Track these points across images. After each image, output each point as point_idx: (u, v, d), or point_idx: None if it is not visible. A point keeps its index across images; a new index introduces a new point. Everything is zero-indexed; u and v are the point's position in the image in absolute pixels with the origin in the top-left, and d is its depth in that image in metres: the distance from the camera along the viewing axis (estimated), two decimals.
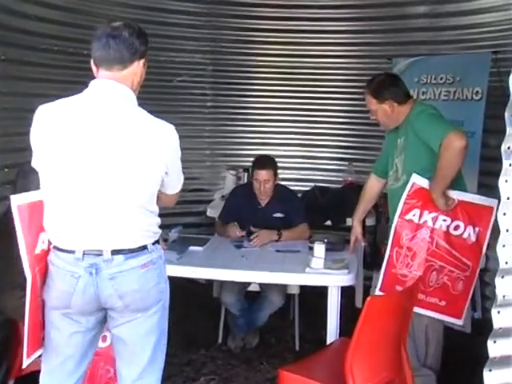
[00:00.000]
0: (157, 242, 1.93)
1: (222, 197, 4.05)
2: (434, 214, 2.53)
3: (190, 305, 4.04)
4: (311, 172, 4.90)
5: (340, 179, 4.56)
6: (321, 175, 4.86)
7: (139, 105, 4.93)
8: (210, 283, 3.99)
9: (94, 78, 1.87)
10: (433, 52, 4.20)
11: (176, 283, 4.22)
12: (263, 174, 3.41)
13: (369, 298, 2.07)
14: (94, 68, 1.86)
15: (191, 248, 3.07)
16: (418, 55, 4.10)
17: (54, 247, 1.86)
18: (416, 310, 2.44)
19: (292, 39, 4.78)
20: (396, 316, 2.24)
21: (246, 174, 4.29)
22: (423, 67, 4.02)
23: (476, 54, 3.83)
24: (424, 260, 2.52)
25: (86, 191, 1.79)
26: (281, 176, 4.45)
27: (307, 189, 4.36)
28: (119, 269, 1.82)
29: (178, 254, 2.89)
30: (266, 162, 3.47)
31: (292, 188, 3.75)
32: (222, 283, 3.36)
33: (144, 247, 1.86)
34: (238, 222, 3.38)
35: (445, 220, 2.52)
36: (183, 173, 1.99)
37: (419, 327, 2.61)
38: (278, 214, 3.46)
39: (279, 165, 4.76)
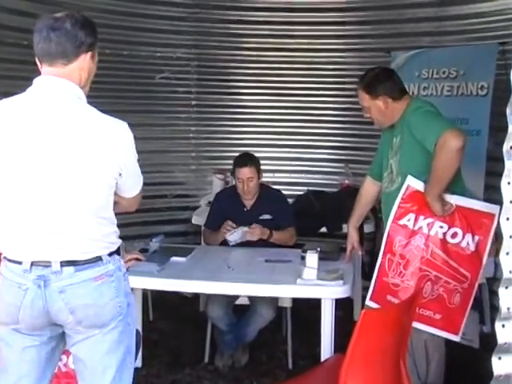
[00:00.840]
0: (116, 252, 1.91)
1: (209, 203, 4.05)
2: (429, 220, 2.52)
3: (173, 320, 4.03)
4: (304, 175, 4.90)
5: (336, 182, 4.56)
6: (315, 178, 4.85)
7: (115, 104, 4.92)
8: (196, 296, 3.98)
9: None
10: (435, 44, 4.20)
11: (158, 297, 4.26)
12: (245, 172, 3.45)
13: (363, 312, 2.05)
14: (38, 63, 1.85)
15: (173, 259, 3.07)
16: (419, 48, 4.10)
17: (4, 258, 1.86)
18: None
19: (283, 32, 4.79)
20: (393, 331, 2.23)
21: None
22: (424, 60, 4.02)
23: (482, 45, 3.81)
24: (418, 269, 2.51)
25: (33, 198, 1.78)
26: (272, 180, 4.46)
27: (300, 193, 4.36)
28: (69, 281, 1.80)
29: (158, 266, 2.89)
30: (247, 159, 3.52)
31: (284, 192, 3.76)
32: (208, 296, 3.35)
33: (98, 258, 1.85)
34: (221, 226, 3.42)
35: (441, 227, 2.51)
36: (171, 177, 2.01)
37: (418, 343, 2.60)
38: (266, 216, 3.50)
39: (270, 168, 4.76)
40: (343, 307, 3.30)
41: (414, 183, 2.56)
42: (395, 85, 2.72)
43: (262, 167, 3.61)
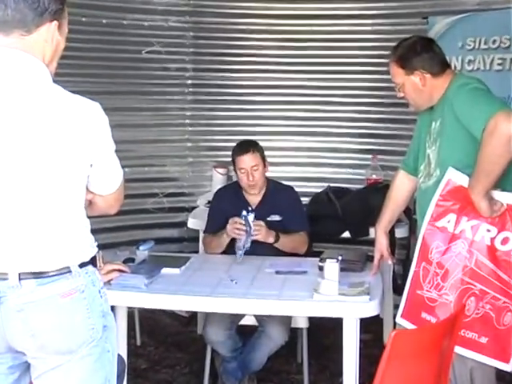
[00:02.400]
0: (90, 262, 1.91)
1: (208, 203, 4.05)
2: (474, 222, 2.49)
3: (165, 344, 4.04)
4: (323, 169, 4.90)
5: (361, 177, 4.55)
6: (336, 173, 4.85)
7: (92, 84, 4.93)
8: (193, 316, 3.99)
9: None
10: (483, 7, 4.19)
11: (147, 316, 4.25)
12: (248, 159, 3.48)
13: (393, 333, 2.04)
14: None
15: (165, 270, 3.07)
16: (463, 12, 4.09)
17: None
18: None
19: None
20: (431, 356, 2.22)
21: None
22: (470, 28, 4.01)
23: None
24: (459, 281, 2.49)
25: None
26: (285, 175, 4.46)
27: (318, 190, 4.35)
28: (30, 298, 1.79)
29: (146, 279, 2.89)
30: (249, 145, 3.55)
31: (299, 190, 3.77)
32: (206, 316, 3.35)
33: (66, 270, 1.84)
34: (221, 230, 3.41)
35: (489, 230, 2.49)
36: (162, 170, 2.00)
37: (462, 372, 2.58)
38: (274, 217, 3.51)
39: (282, 160, 4.75)
40: (370, 328, 3.30)
41: (456, 177, 2.54)
42: (435, 57, 2.70)
43: (273, 159, 3.64)
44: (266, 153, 3.63)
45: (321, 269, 2.90)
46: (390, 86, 2.86)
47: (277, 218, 3.51)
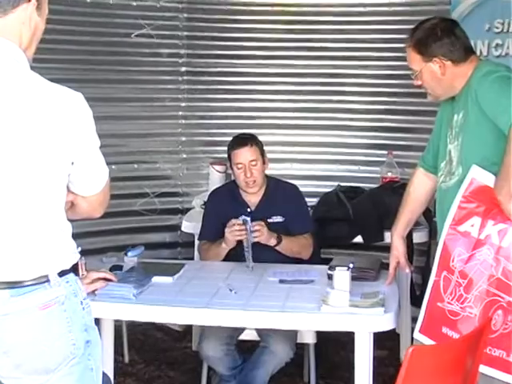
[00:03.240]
0: (71, 270, 1.92)
1: (205, 204, 4.06)
2: (501, 226, 2.48)
3: (156, 361, 4.04)
4: (332, 166, 4.88)
5: (375, 175, 4.54)
6: (347, 170, 4.84)
7: (74, 72, 4.91)
8: (187, 330, 3.99)
9: None
10: None
11: (136, 331, 4.24)
12: (246, 153, 3.51)
13: (410, 349, 2.04)
14: None
15: (156, 279, 3.08)
16: None
17: None
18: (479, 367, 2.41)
19: None
20: (453, 376, 2.21)
21: None
22: (498, 8, 3.98)
23: None
24: (484, 292, 2.48)
25: None
26: (288, 172, 4.45)
27: (327, 190, 4.35)
28: (3, 310, 1.80)
29: (135, 288, 2.90)
30: (247, 138, 3.58)
31: (306, 189, 3.78)
32: (202, 330, 3.36)
33: (44, 279, 1.85)
34: (222, 236, 3.41)
35: None
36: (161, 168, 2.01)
37: None
38: (276, 218, 3.52)
39: (286, 156, 4.74)
40: (385, 344, 3.30)
41: (481, 176, 2.54)
42: (457, 42, 2.70)
43: (276, 155, 3.64)
44: (270, 148, 3.64)
45: (330, 277, 2.93)
46: (408, 74, 2.86)
47: (278, 218, 3.52)
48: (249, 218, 3.29)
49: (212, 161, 4.64)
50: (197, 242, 3.75)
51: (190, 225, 4.07)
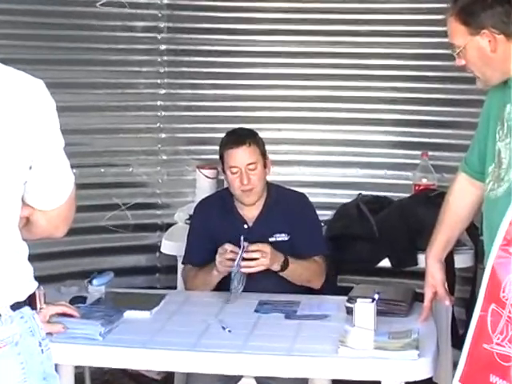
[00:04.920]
0: (27, 303, 1.92)
1: (190, 218, 4.06)
2: None
3: None
4: (351, 170, 4.89)
5: (406, 182, 4.57)
6: (370, 176, 4.86)
7: (26, 48, 4.91)
8: (168, 378, 3.97)
9: None
10: None
11: (103, 379, 4.22)
12: (243, 155, 3.50)
13: None
14: None
15: (129, 314, 3.10)
16: None
17: None
18: None
19: None
20: None
21: None
22: None
23: None
24: None
25: None
26: (295, 178, 4.45)
27: (345, 201, 4.38)
28: None
29: (103, 326, 2.90)
30: (244, 135, 3.58)
31: (317, 200, 3.78)
32: (187, 378, 3.35)
33: None
34: (213, 259, 3.41)
35: None
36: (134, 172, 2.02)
37: None
38: (280, 236, 3.54)
39: (291, 158, 4.74)
40: None
41: None
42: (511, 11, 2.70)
43: (281, 156, 3.63)
44: (273, 147, 3.64)
45: (349, 312, 2.94)
46: (447, 54, 2.86)
47: (283, 237, 3.54)
48: (242, 239, 3.29)
49: (199, 164, 4.66)
50: (181, 267, 3.76)
51: (172, 245, 4.09)
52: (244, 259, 3.28)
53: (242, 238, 3.31)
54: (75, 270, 4.42)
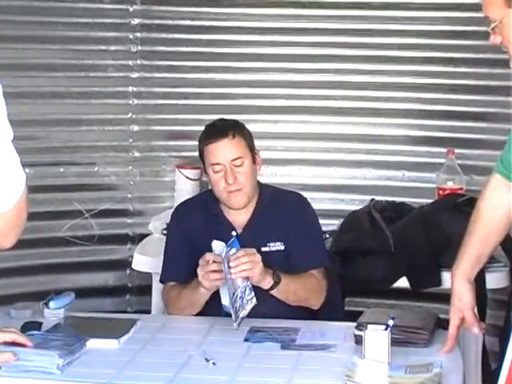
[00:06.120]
0: None
1: (167, 226, 4.07)
2: None
3: None
4: (363, 171, 4.93)
5: (428, 186, 4.60)
6: (385, 177, 4.90)
7: None
8: None
9: None
10: None
11: None
12: (225, 149, 3.55)
13: None
14: None
15: (93, 343, 3.11)
16: None
17: None
18: None
19: None
20: None
21: None
22: None
23: None
24: None
25: None
26: (295, 180, 4.47)
27: (355, 207, 4.41)
28: None
29: (61, 357, 2.90)
30: (227, 126, 3.63)
31: (320, 207, 3.78)
32: None
33: None
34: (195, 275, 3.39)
35: None
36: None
37: None
38: (275, 245, 3.57)
39: (291, 155, 4.77)
40: None
41: None
42: None
43: (277, 153, 3.62)
44: (268, 143, 3.64)
45: (358, 341, 2.94)
46: (479, 31, 2.86)
47: (278, 246, 3.56)
48: (224, 246, 3.26)
49: (179, 162, 4.71)
50: (156, 286, 3.77)
51: (146, 260, 4.13)
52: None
53: (233, 233, 3.32)
54: (29, 290, 4.43)
